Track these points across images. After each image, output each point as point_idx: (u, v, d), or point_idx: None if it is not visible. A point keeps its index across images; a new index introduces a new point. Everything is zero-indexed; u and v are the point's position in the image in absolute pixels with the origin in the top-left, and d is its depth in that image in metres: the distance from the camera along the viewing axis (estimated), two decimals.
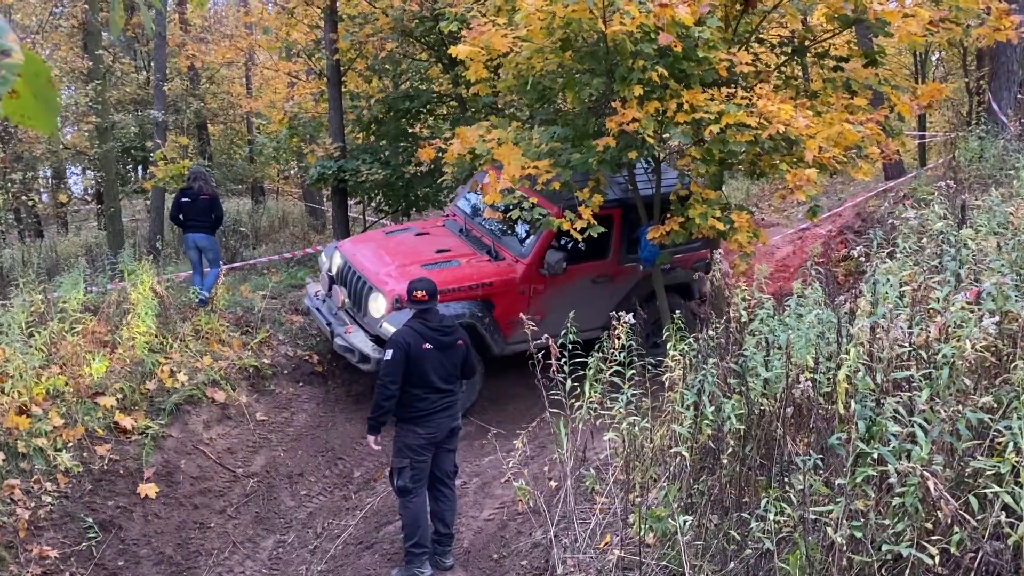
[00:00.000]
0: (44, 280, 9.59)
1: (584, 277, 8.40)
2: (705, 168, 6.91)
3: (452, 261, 8.26)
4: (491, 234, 8.66)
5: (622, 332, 4.91)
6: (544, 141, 7.27)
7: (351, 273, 8.38)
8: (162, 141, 13.95)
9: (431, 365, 5.42)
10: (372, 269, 8.20)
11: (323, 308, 8.75)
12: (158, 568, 6.39)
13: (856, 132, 6.89)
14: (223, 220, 10.09)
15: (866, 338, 3.58)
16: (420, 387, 5.41)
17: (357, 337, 8.03)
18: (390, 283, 7.87)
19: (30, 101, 1.08)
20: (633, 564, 4.39)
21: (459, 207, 9.39)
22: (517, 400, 8.22)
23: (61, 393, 7.00)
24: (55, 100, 1.12)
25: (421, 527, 5.51)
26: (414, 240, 8.86)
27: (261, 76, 20.95)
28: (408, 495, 5.49)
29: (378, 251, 8.56)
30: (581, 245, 8.21)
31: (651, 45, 6.48)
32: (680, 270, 8.83)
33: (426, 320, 5.50)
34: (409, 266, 8.07)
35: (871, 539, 3.16)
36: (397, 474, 5.49)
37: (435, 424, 5.49)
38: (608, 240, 8.43)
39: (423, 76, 12.57)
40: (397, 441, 5.52)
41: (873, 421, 3.13)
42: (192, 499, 7.02)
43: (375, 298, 7.93)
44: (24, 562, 5.89)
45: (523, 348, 6.81)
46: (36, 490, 6.39)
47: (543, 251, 8.19)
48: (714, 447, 4.27)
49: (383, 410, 5.40)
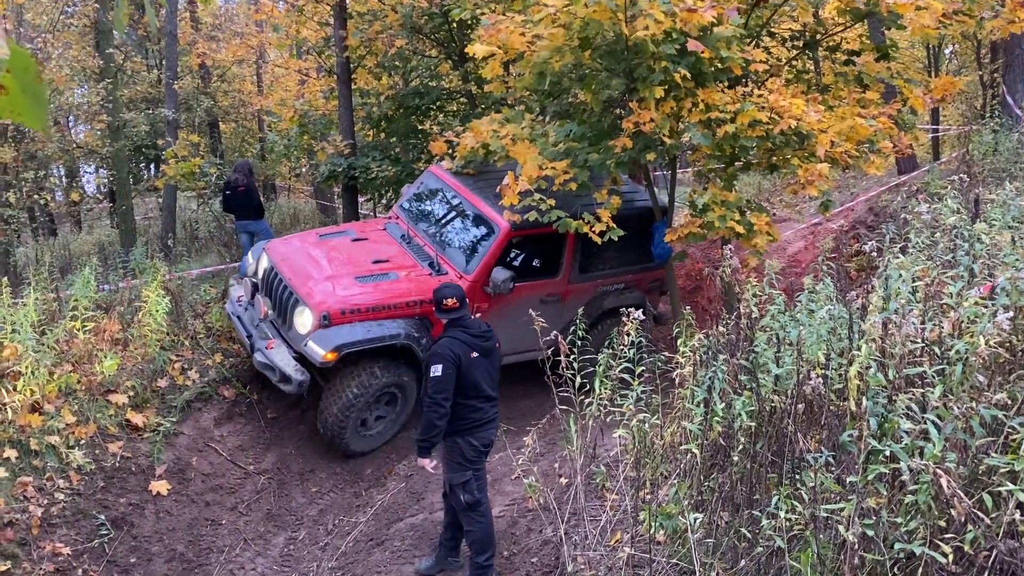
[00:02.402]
0: (57, 278, 9.65)
1: (532, 296, 7.76)
2: (716, 163, 6.86)
3: (389, 274, 7.53)
4: (435, 243, 8.00)
5: (632, 328, 4.88)
6: (560, 140, 7.23)
7: (277, 281, 7.56)
8: (173, 139, 14.01)
9: (480, 374, 5.17)
10: (300, 279, 7.38)
11: (244, 317, 7.86)
12: (170, 565, 6.41)
13: (868, 126, 6.83)
14: (262, 207, 11.09)
15: (878, 334, 3.54)
16: (474, 398, 5.16)
17: (279, 354, 7.23)
18: (318, 296, 7.13)
19: (19, 97, 1.07)
20: (643, 561, 4.37)
21: (403, 209, 8.63)
22: (527, 397, 8.19)
23: (73, 391, 7.04)
24: (44, 95, 1.10)
25: (494, 540, 5.28)
26: (350, 246, 8.01)
27: (272, 74, 21.01)
28: (478, 507, 5.22)
29: (309, 257, 7.72)
30: (536, 263, 7.84)
31: (673, 45, 6.37)
32: (634, 291, 8.41)
33: (467, 328, 5.21)
34: (341, 277, 7.39)
35: (883, 537, 3.13)
36: (462, 489, 5.18)
37: (489, 433, 5.27)
38: (559, 258, 7.99)
39: (433, 73, 12.56)
40: (453, 456, 5.22)
41: (885, 418, 3.10)
42: (203, 496, 7.04)
43: (301, 312, 7.15)
44: (37, 559, 5.92)
45: None
46: (49, 487, 6.42)
47: (490, 267, 7.56)
48: (725, 444, 4.24)
49: (437, 430, 5.06)
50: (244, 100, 20.27)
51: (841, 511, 3.20)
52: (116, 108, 14.27)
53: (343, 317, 7.01)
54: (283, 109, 15.59)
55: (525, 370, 8.02)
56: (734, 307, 4.68)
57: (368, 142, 12.58)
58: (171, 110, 14.34)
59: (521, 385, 8.21)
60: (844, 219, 11.03)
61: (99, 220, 23.10)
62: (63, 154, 13.90)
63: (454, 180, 8.31)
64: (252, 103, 19.98)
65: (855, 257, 9.29)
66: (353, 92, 12.32)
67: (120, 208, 14.49)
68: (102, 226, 21.60)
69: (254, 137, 21.81)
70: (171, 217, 14.93)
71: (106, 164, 17.01)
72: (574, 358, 5.13)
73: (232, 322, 8.02)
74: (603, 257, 8.19)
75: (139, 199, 19.27)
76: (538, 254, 7.99)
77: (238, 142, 21.87)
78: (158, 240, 14.24)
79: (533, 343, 7.75)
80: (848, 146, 6.77)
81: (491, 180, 8.07)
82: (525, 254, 8.02)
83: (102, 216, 23.22)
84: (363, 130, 12.80)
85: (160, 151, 15.65)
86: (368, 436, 7.46)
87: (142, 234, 15.72)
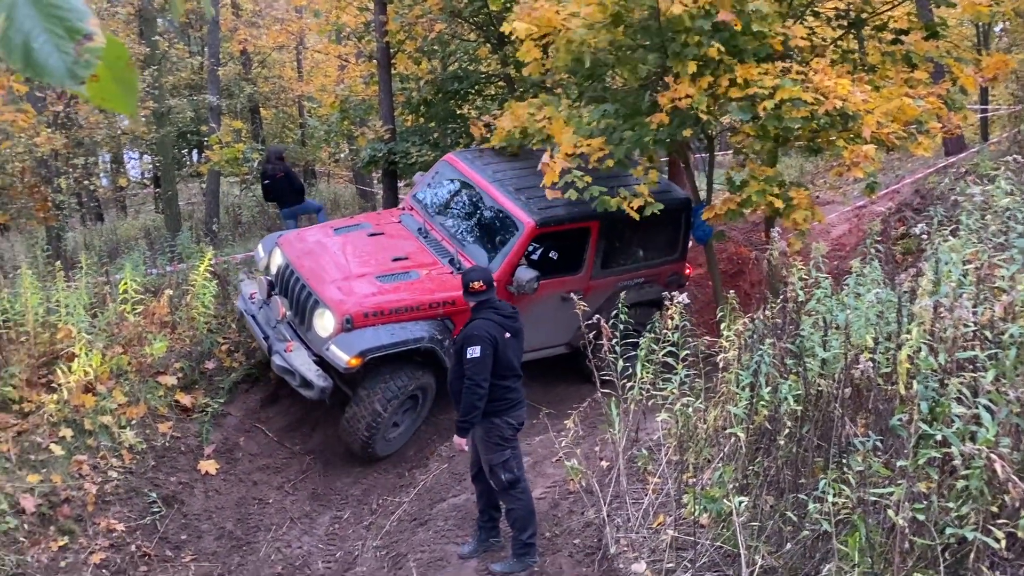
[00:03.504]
0: (106, 262, 9.88)
1: (554, 294, 7.43)
2: (760, 145, 6.79)
3: (410, 272, 7.21)
4: (453, 239, 7.65)
5: (675, 312, 4.87)
6: (596, 119, 7.19)
7: (293, 279, 7.22)
8: (217, 125, 14.19)
9: (512, 354, 5.23)
10: (319, 278, 7.07)
11: (259, 317, 7.46)
12: (219, 542, 6.57)
13: (916, 106, 6.71)
14: (303, 187, 11.14)
15: (928, 317, 3.49)
16: (510, 378, 5.21)
17: (299, 357, 6.92)
18: (339, 298, 6.85)
19: (110, 84, 1.11)
20: (687, 544, 4.38)
21: (417, 200, 8.27)
22: (563, 382, 8.21)
23: (124, 372, 7.22)
24: (134, 82, 1.15)
25: (535, 516, 5.31)
26: (367, 242, 7.64)
27: (311, 60, 21.14)
28: (518, 484, 5.26)
29: (326, 255, 7.39)
30: (559, 259, 7.61)
31: (707, 21, 6.35)
32: (653, 285, 7.97)
33: (498, 309, 5.25)
34: (361, 277, 7.09)
35: (934, 522, 3.10)
36: (502, 468, 5.19)
37: (522, 412, 5.32)
38: (583, 254, 7.71)
39: (472, 56, 12.56)
40: (491, 437, 5.21)
41: (936, 402, 3.07)
42: (251, 476, 7.19)
43: (321, 314, 6.87)
44: (92, 535, 6.11)
45: None
46: (103, 465, 6.61)
47: (514, 266, 7.22)
48: (770, 428, 4.23)
49: (476, 411, 5.08)
50: (284, 86, 20.44)
51: (890, 495, 3.18)
52: (161, 95, 14.49)
53: (366, 320, 6.74)
54: (323, 95, 15.72)
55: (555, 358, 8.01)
56: (779, 291, 4.64)
57: (407, 127, 12.63)
58: (214, 96, 14.53)
59: (555, 370, 8.22)
60: (889, 202, 10.84)
61: (144, 205, 23.53)
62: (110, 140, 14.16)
63: (472, 172, 7.93)
64: (292, 89, 20.14)
65: (901, 240, 9.13)
66: (392, 77, 12.37)
67: (165, 193, 14.75)
68: (147, 211, 22.00)
69: (294, 123, 22.00)
70: (215, 202, 15.16)
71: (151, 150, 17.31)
72: (616, 342, 5.13)
73: (246, 321, 7.66)
74: (624, 252, 7.98)
75: (182, 184, 19.59)
76: (561, 250, 7.71)
77: (279, 128, 22.08)
78: (202, 225, 14.48)
79: (552, 340, 7.74)
80: (895, 127, 6.65)
81: (510, 173, 7.89)
82: (548, 250, 7.79)
83: (146, 201, 23.64)
84: (402, 115, 12.85)
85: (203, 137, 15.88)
86: (392, 440, 7.27)
87: (186, 219, 16.00)
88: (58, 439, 6.48)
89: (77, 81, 1.03)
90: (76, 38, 1.03)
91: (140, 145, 18.11)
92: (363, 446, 7.03)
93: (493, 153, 8.29)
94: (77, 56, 1.03)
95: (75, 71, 1.03)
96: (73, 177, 11.76)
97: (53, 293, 7.63)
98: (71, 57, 1.03)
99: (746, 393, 4.29)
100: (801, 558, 3.86)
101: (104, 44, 1.05)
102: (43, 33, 1.02)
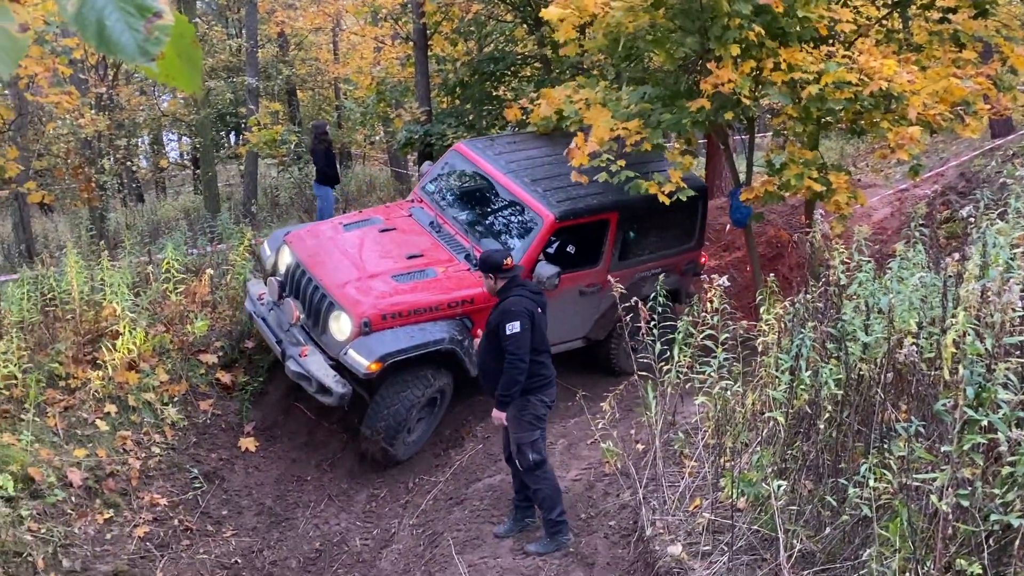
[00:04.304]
0: (148, 242, 10.05)
1: (573, 288, 7.27)
2: (802, 127, 6.69)
3: (426, 270, 6.94)
4: (467, 233, 7.36)
5: (715, 296, 4.83)
6: (634, 102, 7.13)
7: (306, 280, 6.92)
8: (255, 107, 14.32)
9: (544, 328, 5.26)
10: (333, 279, 6.78)
11: (270, 319, 7.13)
12: (259, 518, 6.69)
13: (963, 87, 6.56)
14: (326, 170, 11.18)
15: (975, 301, 3.43)
16: (543, 353, 5.24)
17: (315, 363, 6.63)
18: (355, 298, 6.58)
19: (175, 61, 1.14)
20: (724, 527, 4.37)
21: (427, 192, 7.92)
22: (595, 367, 8.18)
23: (167, 350, 7.36)
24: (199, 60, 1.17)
25: (561, 494, 5.34)
26: (379, 238, 7.35)
27: (348, 42, 21.18)
28: (543, 465, 5.28)
29: (338, 253, 7.07)
30: (577, 253, 7.42)
31: (747, 4, 6.25)
32: (670, 275, 7.55)
33: (525, 285, 5.29)
34: (377, 276, 6.80)
35: (978, 508, 3.06)
36: (530, 448, 5.18)
37: (554, 390, 5.33)
38: (601, 246, 7.47)
39: (508, 37, 12.52)
40: (524, 415, 5.21)
41: (983, 387, 3.02)
42: (289, 453, 7.30)
43: (337, 317, 6.60)
44: (136, 508, 6.26)
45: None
46: (146, 441, 6.76)
47: (533, 261, 6.89)
48: (810, 412, 4.19)
49: (518, 385, 5.10)
50: (321, 68, 20.54)
51: (933, 481, 3.15)
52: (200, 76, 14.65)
53: (384, 323, 6.49)
54: (360, 77, 15.77)
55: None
56: (820, 274, 4.59)
57: (443, 109, 12.64)
58: (253, 78, 14.65)
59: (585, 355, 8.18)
60: (934, 184, 10.64)
61: (183, 187, 23.86)
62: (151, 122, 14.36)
63: (485, 162, 7.64)
64: (329, 71, 20.23)
65: (945, 224, 8.97)
66: (429, 59, 12.38)
67: (205, 175, 14.93)
68: (186, 192, 22.31)
69: (331, 105, 22.12)
70: (253, 183, 15.34)
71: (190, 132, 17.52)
72: (654, 325, 5.11)
73: (256, 324, 7.32)
74: (642, 243, 7.78)
75: (220, 166, 19.81)
76: (579, 243, 7.56)
77: (315, 110, 22.22)
78: (241, 206, 14.65)
79: (571, 334, 7.60)
80: (941, 108, 6.52)
81: (524, 163, 7.66)
82: (565, 244, 7.64)
83: (185, 183, 23.97)
84: (438, 96, 12.87)
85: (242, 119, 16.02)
86: (411, 443, 7.06)
87: (225, 200, 16.18)
88: (103, 415, 6.64)
89: (148, 58, 1.06)
90: (146, 16, 1.05)
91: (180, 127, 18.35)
92: (384, 453, 6.81)
93: (504, 141, 8.08)
94: (147, 34, 1.05)
95: (145, 48, 1.05)
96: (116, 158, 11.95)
97: (98, 272, 7.79)
98: (141, 35, 1.05)
99: (786, 377, 4.26)
100: (840, 543, 3.84)
101: (172, 22, 1.07)
102: (115, 11, 1.04)
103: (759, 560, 4.10)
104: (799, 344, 4.11)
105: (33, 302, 7.33)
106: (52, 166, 10.90)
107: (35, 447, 5.92)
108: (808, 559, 3.88)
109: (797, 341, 4.13)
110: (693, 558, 4.32)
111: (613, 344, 7.85)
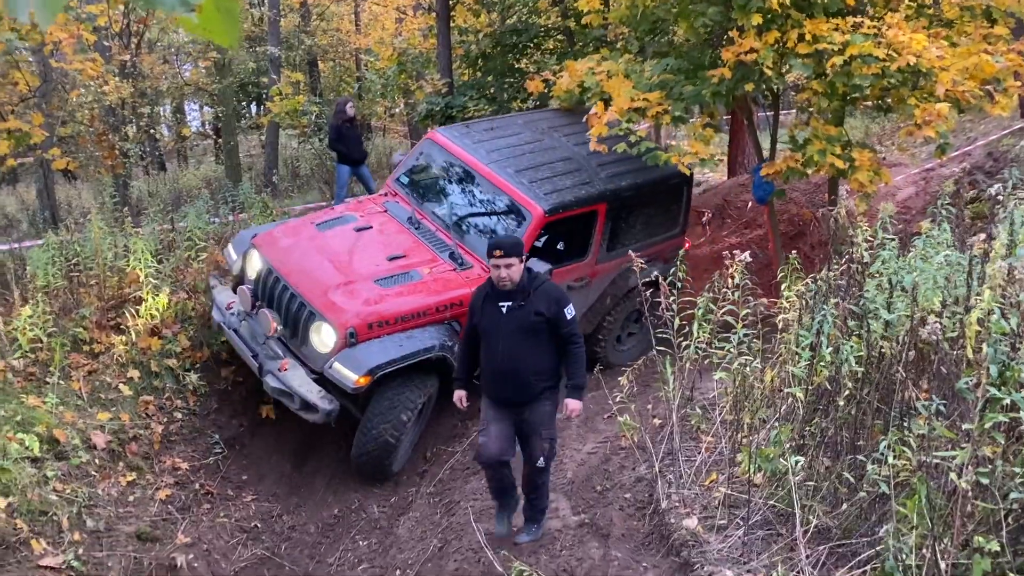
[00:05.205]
0: (170, 210, 10.12)
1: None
2: (827, 103, 6.60)
3: (410, 273, 6.50)
4: (449, 229, 6.96)
5: (736, 272, 4.81)
6: (656, 73, 7.06)
7: (280, 288, 6.40)
8: (277, 77, 14.31)
9: None
10: (311, 286, 6.31)
11: (243, 331, 6.58)
12: (278, 484, 6.79)
13: (994, 64, 6.44)
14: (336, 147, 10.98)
15: (1001, 280, 3.40)
16: None
17: (296, 377, 6.16)
18: (339, 306, 6.14)
19: (214, 14, 1.14)
20: (740, 502, 4.39)
21: (401, 184, 7.48)
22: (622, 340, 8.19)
23: (189, 317, 7.44)
24: (237, 13, 1.17)
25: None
26: (356, 238, 6.84)
27: (370, 12, 21.12)
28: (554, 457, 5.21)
29: (314, 257, 6.57)
30: (564, 246, 7.21)
31: None
32: (657, 263, 7.29)
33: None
34: (359, 282, 6.34)
35: (998, 487, 3.06)
36: (550, 444, 4.99)
37: None
38: (589, 238, 7.16)
39: (532, 9, 12.41)
40: (553, 409, 4.97)
41: (1007, 366, 3.00)
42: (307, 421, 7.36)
43: (318, 328, 6.14)
44: (158, 471, 6.36)
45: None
46: (168, 406, 6.85)
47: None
48: (830, 389, 4.18)
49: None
50: (342, 39, 20.47)
51: (953, 459, 3.14)
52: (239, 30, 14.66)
53: (370, 332, 6.09)
54: (381, 48, 15.70)
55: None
56: (843, 251, 4.56)
57: (464, 81, 12.58)
58: (275, 48, 14.62)
59: None
60: (962, 163, 10.49)
61: (204, 156, 23.95)
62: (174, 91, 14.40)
63: (464, 152, 7.22)
64: (350, 42, 20.17)
65: (972, 203, 8.85)
66: (451, 30, 12.30)
67: (226, 144, 14.99)
68: (207, 162, 22.40)
69: (351, 76, 22.06)
70: (274, 154, 15.36)
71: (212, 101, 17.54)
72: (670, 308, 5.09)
73: (227, 336, 6.75)
74: (628, 232, 7.51)
75: (241, 136, 19.86)
76: (567, 237, 7.33)
77: (336, 81, 22.18)
78: (262, 176, 14.69)
79: None
80: (971, 85, 6.40)
81: (506, 151, 7.31)
82: (554, 238, 7.42)
83: (207, 152, 24.05)
84: (459, 68, 12.79)
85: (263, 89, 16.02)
86: (404, 451, 6.70)
87: (246, 171, 16.24)
88: (126, 380, 6.73)
89: (187, 8, 1.06)
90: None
91: (202, 96, 18.38)
92: (380, 462, 6.41)
93: (481, 128, 7.69)
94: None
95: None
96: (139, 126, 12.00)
97: (121, 239, 7.86)
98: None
99: (806, 353, 4.25)
100: (856, 519, 3.84)
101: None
102: None
103: (774, 535, 4.12)
104: (820, 320, 4.09)
105: (58, 267, 7.41)
106: (76, 133, 10.96)
107: (60, 410, 6.01)
108: (824, 534, 3.89)
109: (819, 317, 4.12)
110: (708, 531, 4.34)
111: (601, 337, 7.67)
